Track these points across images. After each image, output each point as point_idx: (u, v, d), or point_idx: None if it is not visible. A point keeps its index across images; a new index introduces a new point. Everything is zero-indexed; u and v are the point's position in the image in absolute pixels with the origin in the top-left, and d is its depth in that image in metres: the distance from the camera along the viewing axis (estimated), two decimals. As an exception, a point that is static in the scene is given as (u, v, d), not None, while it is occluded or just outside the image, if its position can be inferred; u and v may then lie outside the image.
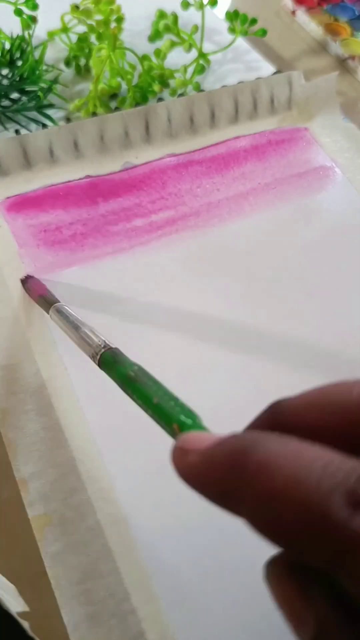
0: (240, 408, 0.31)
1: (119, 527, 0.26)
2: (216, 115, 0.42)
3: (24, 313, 0.32)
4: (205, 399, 0.31)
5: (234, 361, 0.32)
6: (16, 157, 0.37)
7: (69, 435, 0.29)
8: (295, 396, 0.16)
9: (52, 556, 0.25)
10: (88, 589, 0.25)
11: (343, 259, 0.37)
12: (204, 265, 0.36)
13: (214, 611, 0.25)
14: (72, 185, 0.38)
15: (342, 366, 0.33)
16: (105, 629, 0.24)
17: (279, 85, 0.43)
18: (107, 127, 0.39)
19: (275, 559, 0.15)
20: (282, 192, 0.40)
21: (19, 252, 0.35)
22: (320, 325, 0.34)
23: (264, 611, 0.25)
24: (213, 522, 0.27)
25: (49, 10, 0.44)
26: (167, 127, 0.41)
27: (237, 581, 0.26)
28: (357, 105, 0.48)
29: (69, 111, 0.43)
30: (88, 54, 0.45)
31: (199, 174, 0.40)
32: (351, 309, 0.35)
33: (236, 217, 0.38)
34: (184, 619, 0.25)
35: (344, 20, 0.54)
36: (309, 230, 0.38)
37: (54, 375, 0.30)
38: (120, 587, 0.25)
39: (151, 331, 0.33)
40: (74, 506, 0.27)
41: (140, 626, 0.24)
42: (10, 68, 0.42)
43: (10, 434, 0.28)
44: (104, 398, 0.30)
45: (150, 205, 0.38)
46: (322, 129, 0.44)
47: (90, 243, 0.36)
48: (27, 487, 0.27)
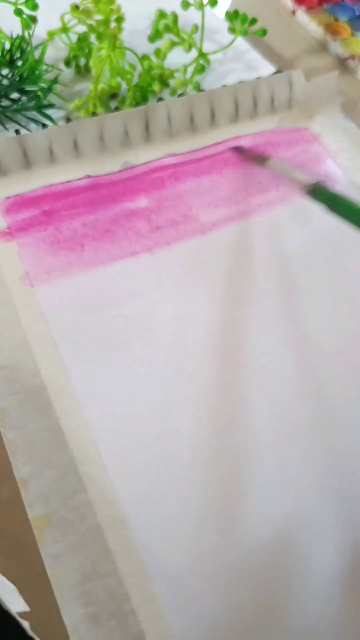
0: (237, 409, 0.31)
1: (119, 528, 0.26)
2: (216, 115, 0.42)
3: (24, 313, 0.32)
4: (205, 399, 0.31)
5: (235, 361, 0.32)
6: (16, 157, 0.37)
7: (69, 435, 0.29)
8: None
9: (52, 557, 0.25)
10: (88, 590, 0.25)
11: (343, 260, 0.37)
12: (204, 266, 0.36)
13: (214, 612, 0.25)
14: (72, 185, 0.38)
15: (343, 366, 0.33)
16: (105, 630, 0.24)
17: (279, 85, 0.43)
18: (106, 126, 0.39)
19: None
20: (282, 192, 0.40)
21: (18, 252, 0.35)
22: (318, 327, 0.34)
23: (264, 611, 0.25)
24: (212, 524, 0.27)
25: (49, 10, 0.44)
26: (167, 126, 0.41)
27: (236, 582, 0.26)
28: (357, 104, 0.48)
29: (69, 111, 0.43)
30: (88, 54, 0.45)
31: (199, 173, 0.40)
32: (349, 311, 0.35)
33: (236, 217, 0.38)
34: (183, 620, 0.25)
35: (344, 20, 0.54)
36: (309, 231, 0.38)
37: (54, 375, 0.30)
38: (120, 588, 0.25)
39: (151, 332, 0.33)
40: (74, 507, 0.27)
41: (140, 627, 0.24)
42: (10, 68, 0.42)
43: (10, 434, 0.28)
44: (104, 398, 0.30)
45: (150, 205, 0.38)
46: (323, 128, 0.44)
47: (90, 242, 0.36)
48: (27, 487, 0.27)
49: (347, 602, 0.26)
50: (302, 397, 0.31)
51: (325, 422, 0.31)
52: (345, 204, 0.30)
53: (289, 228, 0.38)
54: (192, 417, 0.30)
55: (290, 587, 0.26)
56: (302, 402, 0.31)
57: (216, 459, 0.29)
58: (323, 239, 0.38)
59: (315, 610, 0.26)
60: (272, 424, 0.30)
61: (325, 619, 0.26)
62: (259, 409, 0.31)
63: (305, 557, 0.27)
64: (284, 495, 0.28)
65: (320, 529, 0.28)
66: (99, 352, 0.32)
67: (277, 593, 0.26)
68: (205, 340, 0.33)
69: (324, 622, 0.26)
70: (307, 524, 0.28)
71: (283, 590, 0.26)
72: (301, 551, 0.27)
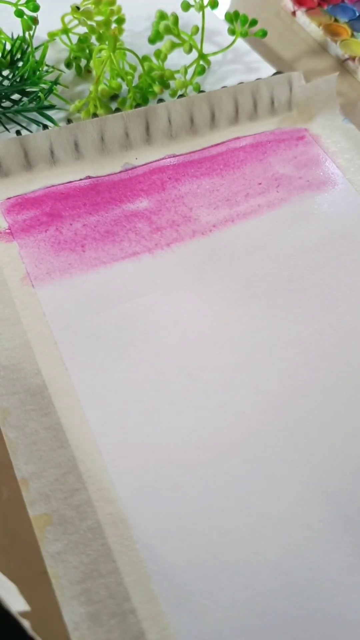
0: (237, 409, 0.31)
1: (119, 527, 0.27)
2: (216, 116, 0.42)
3: (25, 313, 0.32)
4: (205, 399, 0.31)
5: (235, 362, 0.32)
6: (17, 158, 0.37)
7: (70, 435, 0.29)
8: None
9: (53, 556, 0.26)
10: (88, 589, 0.25)
11: (343, 260, 0.37)
12: (204, 266, 0.36)
13: (214, 611, 0.25)
14: (73, 186, 0.38)
15: (343, 367, 0.33)
16: (105, 629, 0.24)
17: (279, 86, 0.43)
18: (107, 128, 0.39)
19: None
20: (282, 193, 0.40)
21: (19, 252, 0.35)
22: (320, 326, 0.34)
23: (263, 611, 0.25)
24: (213, 523, 0.27)
25: (49, 11, 0.45)
26: (167, 128, 0.41)
27: (236, 581, 0.26)
28: (357, 106, 0.48)
29: (70, 112, 0.43)
30: (88, 55, 0.45)
31: (199, 174, 0.40)
32: (352, 309, 0.35)
33: (236, 218, 0.38)
34: (183, 619, 0.25)
35: (344, 21, 0.55)
36: (308, 232, 0.38)
37: (54, 375, 0.30)
38: (120, 586, 0.25)
39: (151, 332, 0.33)
40: (75, 506, 0.27)
41: (140, 626, 0.24)
42: (11, 69, 0.42)
43: (11, 433, 0.28)
44: (104, 398, 0.30)
45: (150, 206, 0.38)
46: (322, 129, 0.44)
47: (91, 243, 0.36)
48: (27, 486, 0.27)
49: (347, 599, 0.26)
50: (302, 396, 0.31)
51: (327, 422, 0.31)
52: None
53: (288, 229, 0.38)
54: (192, 416, 0.30)
55: (290, 586, 0.26)
56: (303, 401, 0.31)
57: (216, 458, 0.29)
58: (323, 240, 0.38)
59: (316, 609, 0.26)
60: (272, 423, 0.30)
61: (326, 617, 0.26)
62: (259, 409, 0.31)
63: (305, 557, 0.27)
64: (285, 493, 0.29)
65: (320, 527, 0.28)
66: (100, 352, 0.32)
67: (277, 592, 0.26)
68: (205, 340, 0.33)
69: (325, 620, 0.26)
70: (308, 522, 0.28)
71: (283, 590, 0.26)
72: (301, 550, 0.27)
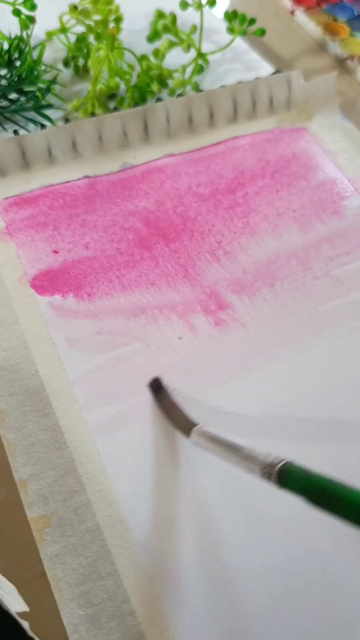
0: (237, 409, 0.31)
1: (118, 529, 0.26)
2: (215, 115, 0.42)
3: (22, 314, 0.32)
4: (202, 399, 0.31)
5: (234, 361, 0.32)
6: (14, 158, 0.37)
7: (68, 436, 0.29)
8: None
9: (51, 558, 0.25)
10: (87, 591, 0.25)
11: (342, 260, 0.37)
12: (203, 267, 0.36)
13: (213, 613, 0.25)
14: (71, 186, 0.38)
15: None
16: (104, 631, 0.24)
17: (277, 85, 0.43)
18: (105, 127, 0.39)
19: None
20: (280, 193, 0.40)
21: (17, 252, 0.35)
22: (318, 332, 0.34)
23: (263, 612, 0.25)
24: (212, 524, 0.27)
25: (47, 11, 0.44)
26: (166, 127, 0.41)
27: (236, 583, 0.26)
28: (356, 105, 0.48)
29: (68, 111, 0.43)
30: (86, 54, 0.45)
31: (198, 174, 0.40)
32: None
33: (235, 217, 0.38)
34: (183, 621, 0.25)
35: (343, 20, 0.54)
36: (307, 231, 0.38)
37: (52, 376, 0.30)
38: (119, 589, 0.25)
39: (149, 331, 0.33)
40: (73, 508, 0.27)
41: (139, 628, 0.24)
42: (8, 68, 0.42)
43: (9, 435, 0.28)
44: (103, 399, 0.30)
45: (148, 206, 0.38)
46: (321, 129, 0.44)
47: (89, 243, 0.36)
48: (26, 488, 0.27)
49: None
50: (303, 394, 0.31)
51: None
52: (334, 491, 0.20)
53: (287, 228, 0.38)
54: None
55: (290, 588, 0.26)
56: (297, 401, 0.31)
57: (216, 457, 0.29)
58: (321, 240, 0.38)
59: (316, 611, 0.26)
60: (273, 422, 0.30)
61: (327, 618, 0.26)
62: (261, 408, 0.31)
63: (305, 559, 0.27)
64: (284, 495, 0.28)
65: (320, 528, 0.28)
66: (98, 352, 0.31)
67: (277, 593, 0.26)
68: (209, 339, 0.33)
69: (325, 622, 0.26)
70: (308, 523, 0.28)
71: (283, 592, 0.26)
72: (301, 552, 0.27)
